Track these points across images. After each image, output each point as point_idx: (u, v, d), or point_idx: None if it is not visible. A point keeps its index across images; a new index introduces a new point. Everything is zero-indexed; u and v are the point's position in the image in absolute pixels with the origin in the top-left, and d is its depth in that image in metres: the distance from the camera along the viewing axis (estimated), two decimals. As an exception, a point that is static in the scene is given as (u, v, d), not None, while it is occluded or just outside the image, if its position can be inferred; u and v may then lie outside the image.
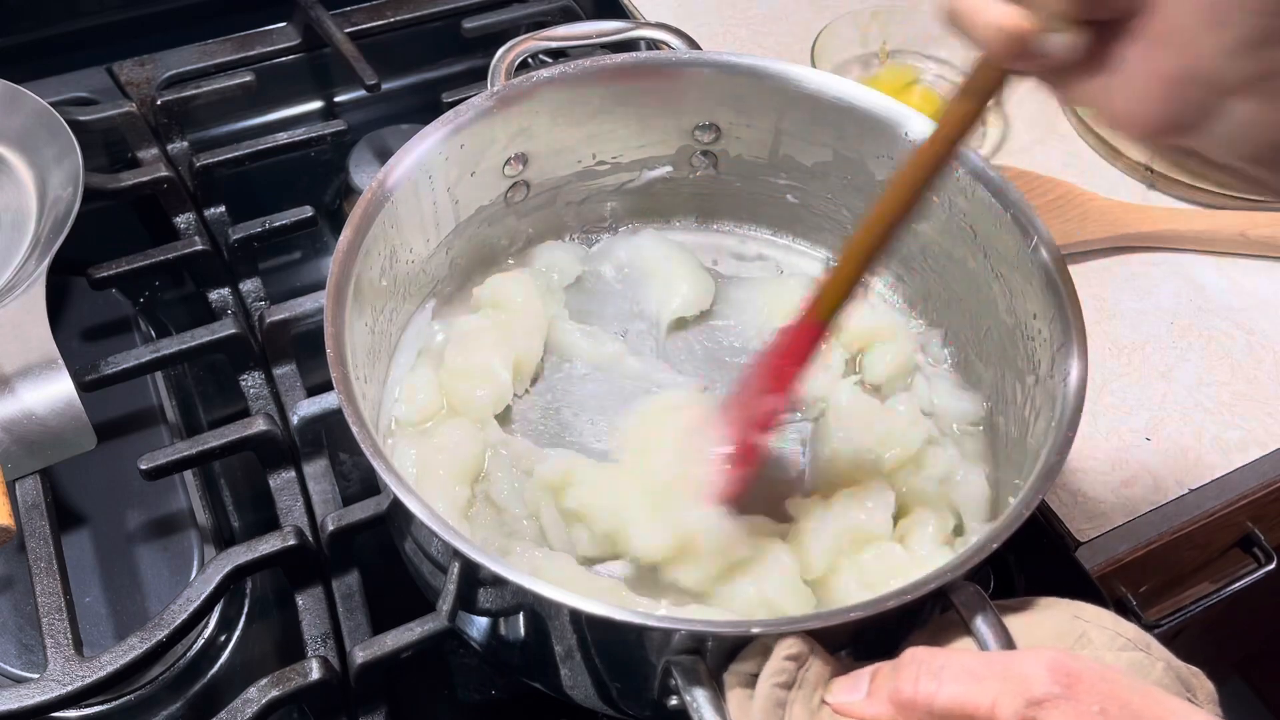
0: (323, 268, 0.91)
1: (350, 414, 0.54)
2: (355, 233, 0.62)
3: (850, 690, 0.48)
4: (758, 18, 1.09)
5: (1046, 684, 0.42)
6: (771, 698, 0.47)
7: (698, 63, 0.74)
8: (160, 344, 0.76)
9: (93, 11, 0.99)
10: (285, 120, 1.01)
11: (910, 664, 0.46)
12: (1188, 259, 0.90)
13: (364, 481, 0.76)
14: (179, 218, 0.87)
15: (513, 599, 0.54)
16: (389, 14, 1.02)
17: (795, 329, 0.58)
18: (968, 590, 0.51)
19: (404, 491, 0.52)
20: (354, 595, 0.68)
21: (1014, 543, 0.52)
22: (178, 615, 0.62)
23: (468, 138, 0.69)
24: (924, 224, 0.73)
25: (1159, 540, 0.82)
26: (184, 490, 0.75)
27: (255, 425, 0.71)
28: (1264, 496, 0.85)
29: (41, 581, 0.63)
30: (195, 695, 0.67)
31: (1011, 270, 0.66)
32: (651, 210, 0.82)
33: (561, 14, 1.05)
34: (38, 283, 0.71)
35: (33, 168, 0.81)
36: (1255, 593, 0.96)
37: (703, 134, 0.77)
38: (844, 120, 0.72)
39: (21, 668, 0.66)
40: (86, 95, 0.95)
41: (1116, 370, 0.82)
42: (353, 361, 0.59)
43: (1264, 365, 0.83)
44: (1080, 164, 0.97)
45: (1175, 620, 0.93)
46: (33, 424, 0.66)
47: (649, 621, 0.49)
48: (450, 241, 0.73)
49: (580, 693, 0.59)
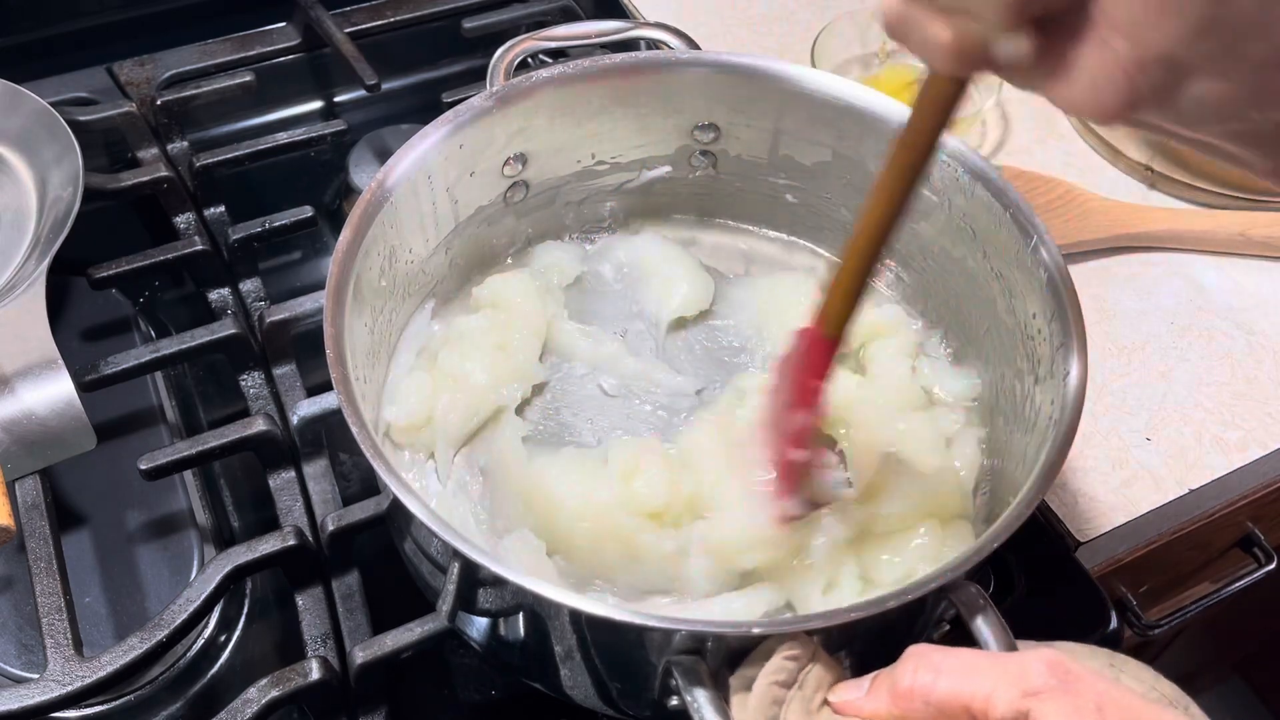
0: (323, 268, 0.91)
1: (350, 414, 0.54)
2: (355, 233, 0.62)
3: (852, 688, 0.48)
4: (758, 18, 1.09)
5: (1044, 677, 0.42)
6: (769, 695, 0.47)
7: (697, 63, 0.74)
8: (160, 344, 0.76)
9: (93, 11, 0.99)
10: (285, 120, 1.01)
11: (909, 658, 0.46)
12: (1188, 259, 0.90)
13: (364, 481, 0.76)
14: (179, 218, 0.87)
15: (513, 599, 0.54)
16: (389, 14, 1.02)
17: (808, 344, 0.58)
18: (968, 590, 0.51)
19: (404, 491, 0.52)
20: (354, 595, 0.68)
21: (1014, 543, 0.52)
22: (178, 615, 0.62)
23: (467, 138, 0.69)
24: (923, 223, 0.73)
25: (1159, 540, 0.82)
26: (184, 490, 0.75)
27: (255, 425, 0.71)
28: (1264, 496, 0.85)
29: (41, 581, 0.63)
30: (195, 695, 0.67)
31: (1011, 270, 0.66)
32: (651, 210, 0.82)
33: (561, 14, 1.05)
34: (38, 283, 0.71)
35: (33, 168, 0.81)
36: (1255, 593, 0.96)
37: (702, 134, 0.77)
38: (844, 120, 0.72)
39: (21, 668, 0.66)
40: (86, 95, 0.95)
41: (1116, 370, 0.82)
42: (352, 361, 0.59)
43: (1264, 365, 0.83)
44: (1080, 164, 0.97)
45: (1175, 620, 0.93)
46: (33, 424, 0.66)
47: (649, 621, 0.49)
48: (449, 241, 0.73)
49: (580, 693, 0.59)
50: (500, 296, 0.74)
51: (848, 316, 0.56)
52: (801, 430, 0.59)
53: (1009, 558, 0.71)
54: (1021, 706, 0.41)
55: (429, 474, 0.69)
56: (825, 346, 0.57)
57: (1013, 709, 0.41)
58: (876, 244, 0.53)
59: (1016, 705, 0.41)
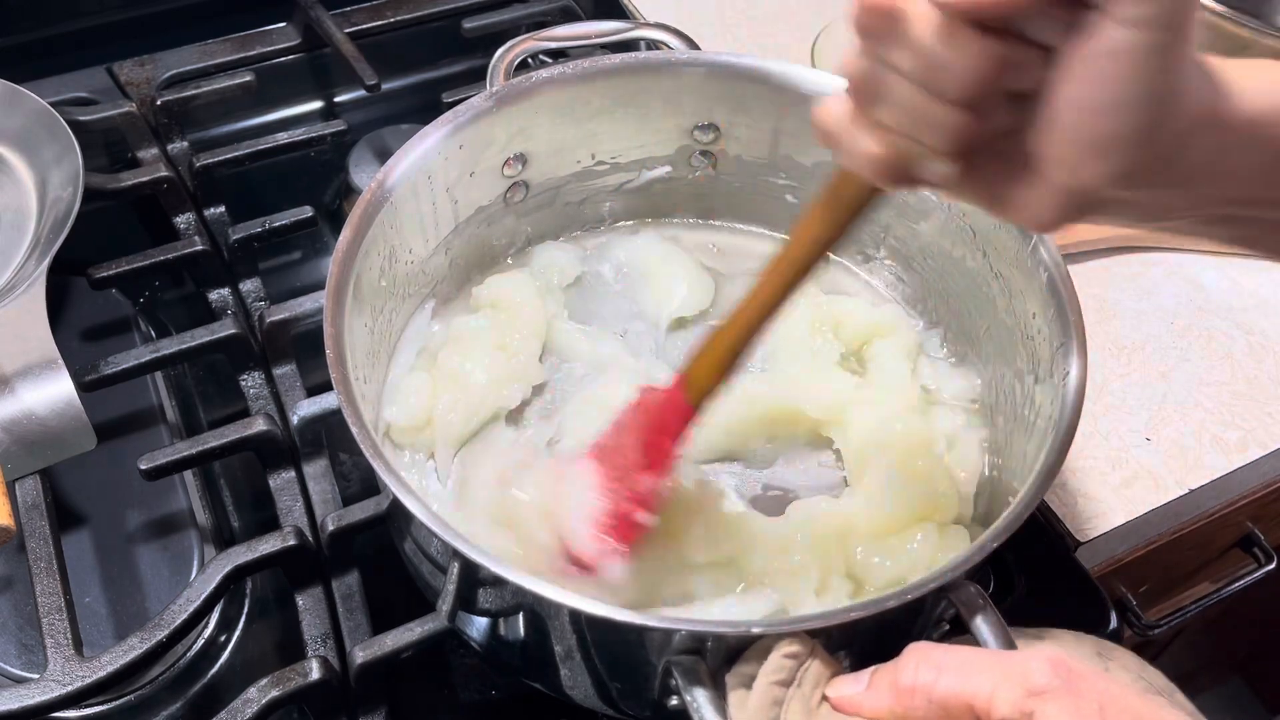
0: (322, 268, 0.91)
1: (350, 414, 0.54)
2: (355, 233, 0.62)
3: (852, 684, 0.48)
4: (758, 18, 1.09)
5: (1047, 676, 0.42)
6: (769, 695, 0.47)
7: (697, 63, 0.74)
8: (160, 344, 0.76)
9: (93, 11, 0.99)
10: (285, 120, 1.01)
11: (911, 655, 0.46)
12: (1188, 259, 0.90)
13: (364, 481, 0.76)
14: (179, 218, 0.87)
15: (513, 599, 0.54)
16: (389, 14, 1.02)
17: (668, 405, 0.57)
18: (968, 590, 0.51)
19: (404, 491, 0.52)
20: (354, 595, 0.68)
21: (1014, 543, 0.52)
22: (178, 615, 0.62)
23: (467, 138, 0.69)
24: (923, 223, 0.73)
25: (1159, 540, 0.82)
26: (184, 490, 0.75)
27: (255, 425, 0.71)
28: (1264, 496, 0.85)
29: (41, 581, 0.63)
30: (195, 695, 0.67)
31: (1011, 270, 0.66)
32: (651, 210, 0.82)
33: (561, 14, 1.05)
34: (38, 283, 0.71)
35: (33, 168, 0.81)
36: (1255, 593, 0.96)
37: (702, 134, 0.77)
38: (844, 120, 0.72)
39: (21, 668, 0.66)
40: (86, 95, 0.95)
41: (1116, 370, 0.82)
42: (352, 362, 0.59)
43: (1264, 365, 0.83)
44: (1080, 164, 0.97)
45: (1175, 620, 0.93)
46: (33, 424, 0.66)
47: (649, 621, 0.49)
48: (449, 242, 0.73)
49: (580, 693, 0.59)
50: (500, 297, 0.74)
51: (714, 389, 0.56)
52: (647, 494, 0.57)
53: (1009, 558, 0.71)
54: (1025, 706, 0.41)
55: (429, 474, 0.69)
56: (686, 414, 0.56)
57: (1016, 708, 0.42)
58: (755, 325, 0.53)
59: (1019, 705, 0.41)
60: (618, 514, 0.57)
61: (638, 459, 0.57)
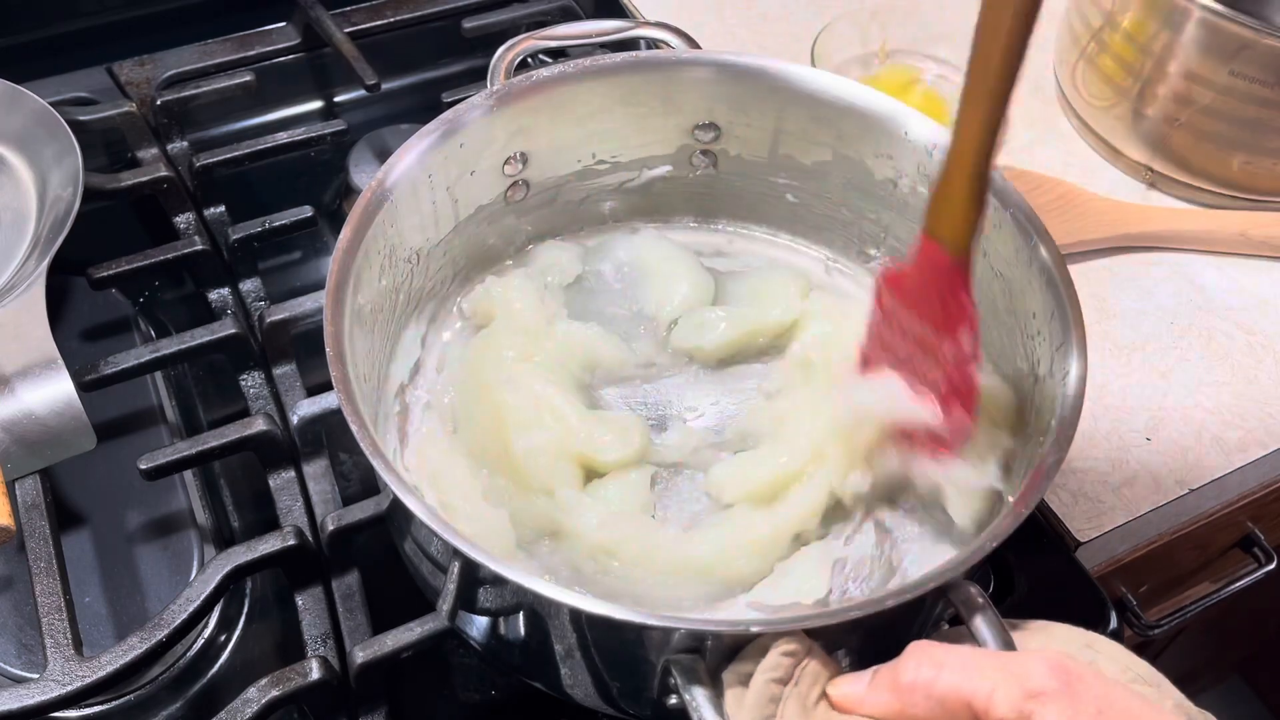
0: (322, 267, 0.91)
1: (350, 414, 0.54)
2: (355, 232, 0.62)
3: (853, 683, 0.48)
4: (758, 18, 1.09)
5: (1046, 678, 0.42)
6: (766, 693, 0.47)
7: (697, 62, 0.74)
8: (160, 344, 0.76)
9: (93, 11, 0.99)
10: (285, 120, 1.01)
11: (912, 653, 0.46)
12: (1188, 259, 0.90)
13: (364, 481, 0.76)
14: (179, 218, 0.87)
15: (513, 599, 0.54)
16: (389, 14, 1.02)
17: (936, 270, 0.53)
18: (967, 590, 0.51)
19: (404, 491, 0.52)
20: (354, 595, 0.68)
21: (1014, 543, 0.52)
22: (178, 615, 0.62)
23: (467, 137, 0.69)
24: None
25: (1159, 540, 0.82)
26: (184, 490, 0.75)
27: (255, 425, 0.71)
28: (1264, 496, 0.85)
29: (41, 581, 0.63)
30: (195, 695, 0.67)
31: (1011, 270, 0.66)
32: (651, 209, 0.82)
33: (561, 13, 1.05)
34: (38, 283, 0.71)
35: (33, 168, 0.81)
36: (1255, 593, 0.97)
37: (702, 133, 0.77)
38: (844, 120, 0.72)
39: (21, 668, 0.66)
40: (86, 95, 0.95)
41: (1116, 370, 0.82)
42: (352, 361, 0.59)
43: (1264, 365, 0.83)
44: (1080, 164, 0.97)
45: (1175, 620, 0.93)
46: (33, 424, 0.66)
47: (649, 620, 0.49)
48: (450, 241, 0.73)
49: (580, 692, 0.59)
50: (500, 297, 0.74)
51: (974, 225, 0.52)
52: (965, 350, 0.55)
53: (1009, 558, 0.71)
54: (1023, 708, 0.41)
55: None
56: (957, 267, 0.54)
57: (1014, 709, 0.42)
58: (987, 134, 0.50)
59: (1018, 706, 0.42)
60: (948, 382, 0.56)
61: (937, 322, 0.55)
